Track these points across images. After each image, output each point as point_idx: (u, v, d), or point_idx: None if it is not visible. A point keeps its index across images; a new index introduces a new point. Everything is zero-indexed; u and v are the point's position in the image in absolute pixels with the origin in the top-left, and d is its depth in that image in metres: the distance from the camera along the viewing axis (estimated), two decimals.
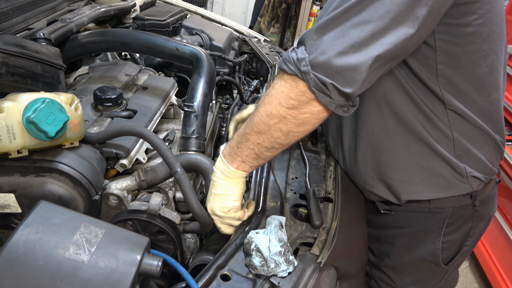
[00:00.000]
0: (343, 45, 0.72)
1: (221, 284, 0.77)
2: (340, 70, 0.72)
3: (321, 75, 0.73)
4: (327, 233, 0.95)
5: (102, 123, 1.02)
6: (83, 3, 1.52)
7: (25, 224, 0.59)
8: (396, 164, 1.04)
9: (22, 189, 0.81)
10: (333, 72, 0.73)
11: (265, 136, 0.82)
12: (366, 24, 0.72)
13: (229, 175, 0.88)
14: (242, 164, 0.87)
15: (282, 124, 0.79)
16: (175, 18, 1.87)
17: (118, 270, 0.59)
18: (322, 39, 0.74)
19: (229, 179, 0.89)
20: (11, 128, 0.73)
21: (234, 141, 0.87)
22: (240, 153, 0.86)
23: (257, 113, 0.82)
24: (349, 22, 0.73)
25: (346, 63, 0.72)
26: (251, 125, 0.83)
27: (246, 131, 0.84)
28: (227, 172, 0.88)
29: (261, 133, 0.82)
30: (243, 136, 0.85)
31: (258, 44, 2.07)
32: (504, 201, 2.32)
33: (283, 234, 0.85)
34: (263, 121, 0.80)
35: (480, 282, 2.55)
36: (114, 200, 0.91)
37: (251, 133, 0.83)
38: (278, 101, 0.78)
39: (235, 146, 0.87)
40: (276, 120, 0.79)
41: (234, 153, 0.87)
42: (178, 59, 1.22)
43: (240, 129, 0.87)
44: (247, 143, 0.84)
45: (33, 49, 0.95)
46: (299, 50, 0.76)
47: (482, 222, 1.13)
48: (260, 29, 4.16)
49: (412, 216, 1.10)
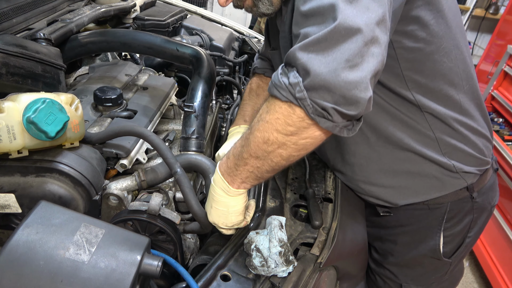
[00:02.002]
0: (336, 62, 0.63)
1: (221, 284, 0.77)
2: (340, 90, 0.64)
3: (319, 100, 0.65)
4: (327, 233, 0.95)
5: (102, 123, 1.02)
6: (83, 3, 1.52)
7: (26, 224, 0.59)
8: (385, 172, 1.05)
9: (22, 189, 0.81)
10: (332, 94, 0.64)
11: (264, 161, 0.76)
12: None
13: (231, 194, 0.84)
14: (243, 184, 0.82)
15: (282, 150, 0.73)
16: (175, 18, 1.86)
17: (118, 270, 0.59)
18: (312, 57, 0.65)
19: (231, 197, 0.84)
20: (12, 128, 0.73)
21: (231, 161, 0.81)
22: (239, 175, 0.81)
23: (253, 138, 0.75)
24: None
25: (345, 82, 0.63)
26: (248, 149, 0.76)
27: (243, 155, 0.78)
28: (228, 191, 0.83)
29: (260, 158, 0.76)
30: (241, 159, 0.79)
31: (258, 44, 2.07)
32: (504, 201, 2.32)
33: (283, 234, 0.85)
34: (261, 148, 0.74)
35: (480, 282, 2.55)
36: (114, 200, 0.91)
37: (249, 158, 0.77)
38: (275, 128, 0.71)
39: (233, 167, 0.81)
40: (275, 147, 0.73)
41: (233, 174, 0.81)
42: (178, 60, 1.22)
43: (236, 148, 0.81)
44: (246, 166, 0.79)
45: (33, 49, 0.95)
46: (291, 73, 0.68)
47: (484, 212, 1.14)
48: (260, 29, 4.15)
49: (411, 214, 1.11)
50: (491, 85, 2.76)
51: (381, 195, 1.10)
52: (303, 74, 0.66)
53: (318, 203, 1.02)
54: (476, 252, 2.56)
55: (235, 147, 0.81)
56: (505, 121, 2.70)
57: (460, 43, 0.95)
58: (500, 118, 2.73)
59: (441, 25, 0.88)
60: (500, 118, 2.73)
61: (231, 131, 1.20)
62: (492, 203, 1.16)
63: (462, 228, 1.12)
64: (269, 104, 0.73)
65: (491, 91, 2.76)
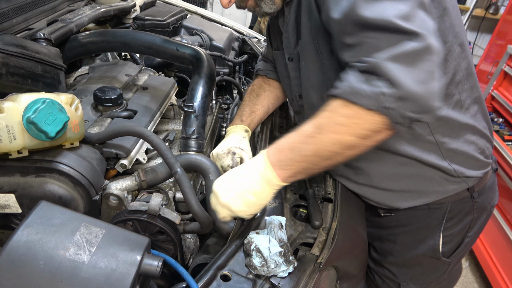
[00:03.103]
0: (422, 74, 0.69)
1: (221, 285, 0.77)
2: (424, 101, 0.69)
3: (404, 110, 0.70)
4: (327, 233, 0.95)
5: (102, 123, 1.02)
6: (83, 3, 1.52)
7: (26, 225, 0.59)
8: (387, 176, 1.05)
9: (22, 189, 0.81)
10: (419, 105, 0.70)
11: (326, 160, 0.79)
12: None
13: (273, 186, 0.83)
14: (289, 178, 0.82)
15: (350, 151, 0.77)
16: (175, 18, 1.86)
17: (118, 270, 0.59)
18: (401, 69, 0.69)
19: (270, 189, 0.83)
20: (12, 128, 0.73)
21: (285, 155, 0.81)
22: (292, 169, 0.81)
23: (323, 138, 0.76)
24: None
25: (428, 93, 0.69)
26: (313, 148, 0.77)
27: (304, 152, 0.78)
28: (272, 183, 0.82)
29: (323, 157, 0.78)
30: (300, 156, 0.79)
31: (258, 44, 2.07)
32: (504, 201, 2.32)
33: (283, 234, 0.85)
34: (329, 149, 0.76)
35: (480, 282, 2.55)
36: (114, 201, 0.91)
37: (312, 156, 0.78)
38: (351, 132, 0.74)
39: (287, 161, 0.80)
40: (344, 149, 0.76)
41: (285, 167, 0.81)
42: (178, 60, 1.22)
43: (293, 143, 0.80)
44: (302, 163, 0.80)
45: (33, 50, 0.95)
46: (377, 83, 0.70)
47: (483, 212, 1.14)
48: (260, 29, 4.15)
49: (412, 215, 1.11)
50: (491, 85, 2.76)
51: (383, 199, 1.10)
52: (392, 85, 0.69)
53: (318, 203, 1.02)
54: (476, 252, 2.56)
55: (292, 142, 0.81)
56: (505, 121, 2.70)
57: (463, 41, 0.95)
58: (500, 118, 2.72)
59: (446, 23, 0.88)
60: (500, 118, 2.72)
61: (228, 130, 1.21)
62: (492, 203, 1.16)
63: (462, 228, 1.12)
64: (345, 108, 0.74)
65: (491, 91, 2.76)
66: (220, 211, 0.86)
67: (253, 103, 1.28)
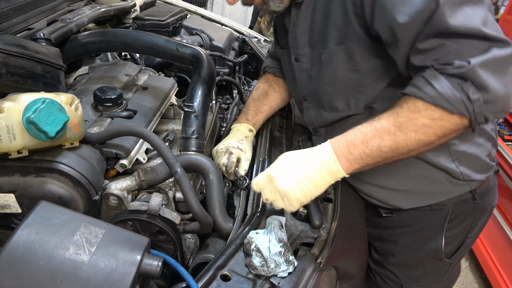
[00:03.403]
0: (509, 78, 0.74)
1: (221, 284, 0.77)
2: (505, 102, 0.76)
3: (490, 113, 0.75)
4: (327, 233, 0.95)
5: (102, 123, 1.02)
6: (83, 3, 1.52)
7: (25, 224, 0.59)
8: (393, 175, 1.05)
9: (22, 189, 0.81)
10: (501, 106, 0.76)
11: (399, 155, 0.82)
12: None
13: (333, 179, 0.84)
14: (354, 171, 0.84)
15: (424, 147, 0.81)
16: (175, 18, 1.86)
17: (118, 270, 0.59)
18: (490, 75, 0.73)
19: (329, 181, 0.84)
20: (11, 128, 0.73)
21: (358, 148, 0.82)
22: (361, 163, 0.83)
23: (406, 137, 0.79)
24: None
25: (509, 95, 0.75)
26: (391, 145, 0.80)
27: (382, 148, 0.81)
28: (335, 174, 0.83)
29: (399, 154, 0.82)
30: (375, 151, 0.81)
31: (258, 44, 2.07)
32: (504, 201, 2.32)
33: (283, 234, 0.85)
34: (410, 147, 0.80)
35: (480, 282, 2.55)
36: (114, 200, 0.91)
37: (389, 152, 0.81)
38: (435, 133, 0.78)
39: (358, 155, 0.82)
40: (422, 146, 0.80)
41: (354, 161, 0.82)
42: (178, 59, 1.22)
43: (367, 137, 0.81)
44: (377, 158, 0.82)
45: (33, 49, 0.95)
46: (469, 89, 0.73)
47: (484, 213, 1.14)
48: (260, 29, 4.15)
49: (414, 215, 1.11)
50: None
51: (386, 198, 1.10)
52: (481, 90, 0.73)
53: (318, 203, 1.02)
54: (476, 252, 2.56)
55: (365, 137, 0.82)
56: (505, 121, 2.70)
57: None
58: None
59: None
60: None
61: (232, 127, 1.23)
62: (492, 204, 1.16)
63: (463, 229, 1.12)
64: (429, 111, 0.77)
65: None
66: (275, 198, 0.85)
67: (261, 102, 1.28)
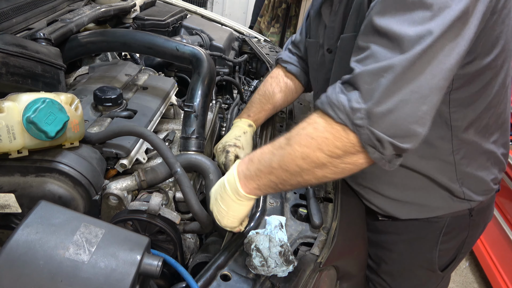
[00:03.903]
0: (405, 91, 0.61)
1: (221, 284, 0.77)
2: (403, 124, 0.62)
3: (379, 132, 0.62)
4: (327, 233, 0.95)
5: (102, 123, 1.02)
6: (83, 3, 1.52)
7: (25, 224, 0.59)
8: (395, 186, 1.04)
9: (22, 189, 0.81)
10: (394, 127, 0.62)
11: (294, 176, 0.73)
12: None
13: (239, 197, 0.80)
14: (256, 191, 0.78)
15: (319, 170, 0.70)
16: (175, 18, 1.86)
17: (118, 270, 0.59)
18: (379, 83, 0.62)
19: (237, 201, 0.80)
20: (11, 128, 0.73)
21: (254, 165, 0.77)
22: (258, 181, 0.77)
23: (290, 151, 0.71)
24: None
25: (411, 115, 0.61)
26: (281, 160, 0.72)
27: (272, 164, 0.73)
28: (238, 193, 0.79)
29: (291, 173, 0.72)
30: (267, 167, 0.75)
31: (258, 44, 2.07)
32: (504, 201, 2.32)
33: (283, 234, 0.85)
34: (297, 163, 0.70)
35: (480, 282, 2.55)
36: (114, 200, 0.91)
37: (278, 169, 0.73)
38: (319, 147, 0.68)
39: (254, 171, 0.76)
40: (312, 165, 0.70)
41: (250, 178, 0.77)
42: (178, 59, 1.22)
43: (264, 153, 0.76)
44: (270, 175, 0.75)
45: (33, 49, 0.95)
46: (352, 95, 0.64)
47: (477, 230, 1.14)
48: (260, 29, 4.15)
49: (409, 224, 1.10)
50: None
51: (384, 206, 1.09)
52: (366, 99, 0.63)
53: (318, 203, 1.02)
54: (476, 252, 2.56)
55: (263, 152, 0.77)
56: None
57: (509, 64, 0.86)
58: None
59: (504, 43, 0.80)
60: None
61: (233, 123, 1.25)
62: (486, 221, 1.15)
63: (457, 243, 1.11)
64: (318, 120, 0.69)
65: None
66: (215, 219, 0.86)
67: (267, 100, 1.28)
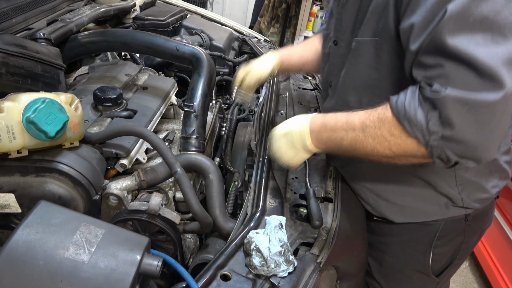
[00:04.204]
0: (489, 126, 0.64)
1: (221, 284, 0.77)
2: (475, 152, 0.66)
3: (449, 152, 0.67)
4: (327, 233, 0.95)
5: (102, 123, 1.02)
6: (83, 3, 1.52)
7: (25, 224, 0.59)
8: (394, 189, 1.05)
9: (22, 189, 0.81)
10: (466, 153, 0.66)
11: (360, 154, 0.82)
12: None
13: (309, 152, 0.92)
14: (322, 150, 0.91)
15: (384, 158, 0.79)
16: (175, 18, 1.86)
17: (118, 270, 0.59)
18: (463, 115, 0.64)
19: (309, 152, 0.92)
20: (11, 128, 0.73)
21: (326, 133, 0.87)
22: (325, 145, 0.89)
23: (363, 140, 0.79)
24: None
25: (486, 146, 0.65)
26: (351, 141, 0.81)
27: (343, 142, 0.83)
28: (308, 149, 0.91)
29: (358, 152, 0.82)
30: (338, 139, 0.84)
31: (258, 44, 2.07)
32: (504, 201, 2.32)
33: (283, 234, 0.85)
34: (366, 150, 0.80)
35: (480, 282, 2.55)
36: (114, 200, 0.91)
37: (347, 146, 0.83)
38: (390, 148, 0.76)
39: (325, 137, 0.87)
40: (380, 156, 0.79)
41: (321, 142, 0.89)
42: (178, 59, 1.22)
43: (336, 127, 0.84)
44: (338, 147, 0.85)
45: (33, 49, 0.95)
46: (432, 117, 0.67)
47: (474, 236, 1.13)
48: (260, 29, 4.15)
49: (404, 226, 1.10)
50: None
51: (379, 207, 1.09)
52: (445, 125, 0.66)
53: (318, 203, 1.02)
54: (476, 252, 2.56)
55: (336, 124, 0.84)
56: None
57: None
58: None
59: None
60: None
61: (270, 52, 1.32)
62: (484, 227, 1.14)
63: (452, 248, 1.11)
64: (392, 125, 0.74)
65: None
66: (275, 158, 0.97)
67: (307, 54, 1.32)
